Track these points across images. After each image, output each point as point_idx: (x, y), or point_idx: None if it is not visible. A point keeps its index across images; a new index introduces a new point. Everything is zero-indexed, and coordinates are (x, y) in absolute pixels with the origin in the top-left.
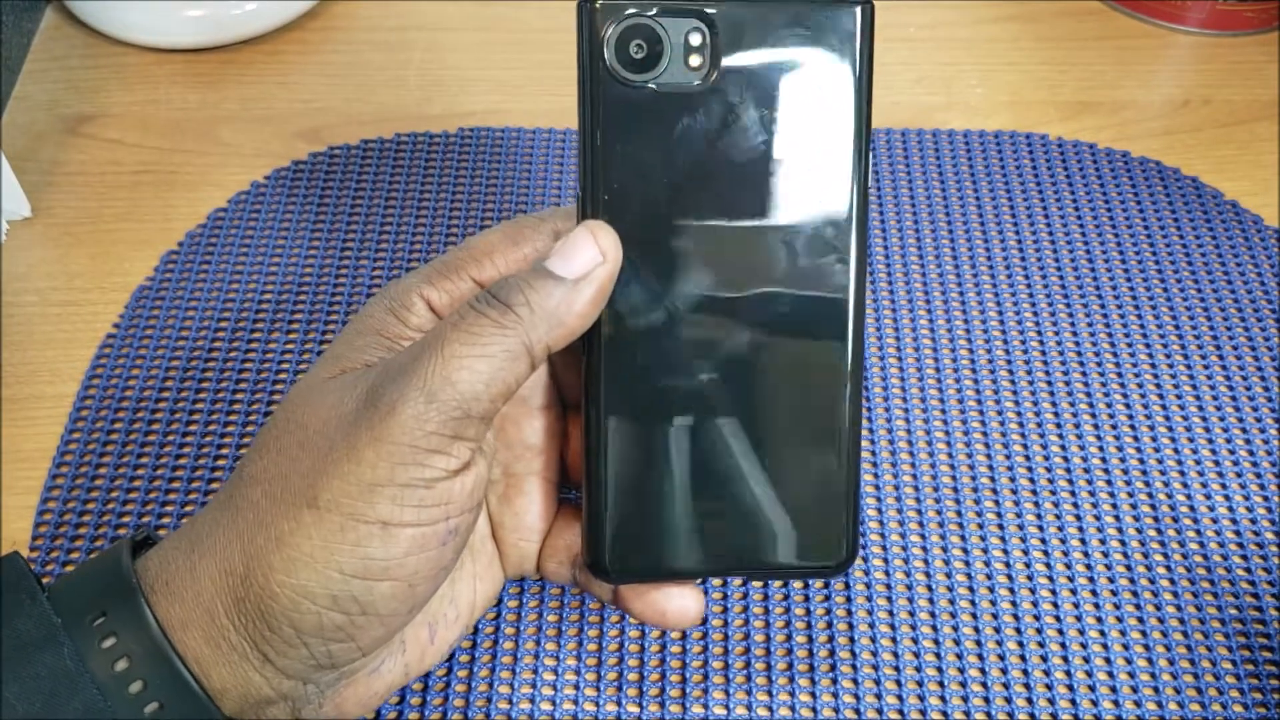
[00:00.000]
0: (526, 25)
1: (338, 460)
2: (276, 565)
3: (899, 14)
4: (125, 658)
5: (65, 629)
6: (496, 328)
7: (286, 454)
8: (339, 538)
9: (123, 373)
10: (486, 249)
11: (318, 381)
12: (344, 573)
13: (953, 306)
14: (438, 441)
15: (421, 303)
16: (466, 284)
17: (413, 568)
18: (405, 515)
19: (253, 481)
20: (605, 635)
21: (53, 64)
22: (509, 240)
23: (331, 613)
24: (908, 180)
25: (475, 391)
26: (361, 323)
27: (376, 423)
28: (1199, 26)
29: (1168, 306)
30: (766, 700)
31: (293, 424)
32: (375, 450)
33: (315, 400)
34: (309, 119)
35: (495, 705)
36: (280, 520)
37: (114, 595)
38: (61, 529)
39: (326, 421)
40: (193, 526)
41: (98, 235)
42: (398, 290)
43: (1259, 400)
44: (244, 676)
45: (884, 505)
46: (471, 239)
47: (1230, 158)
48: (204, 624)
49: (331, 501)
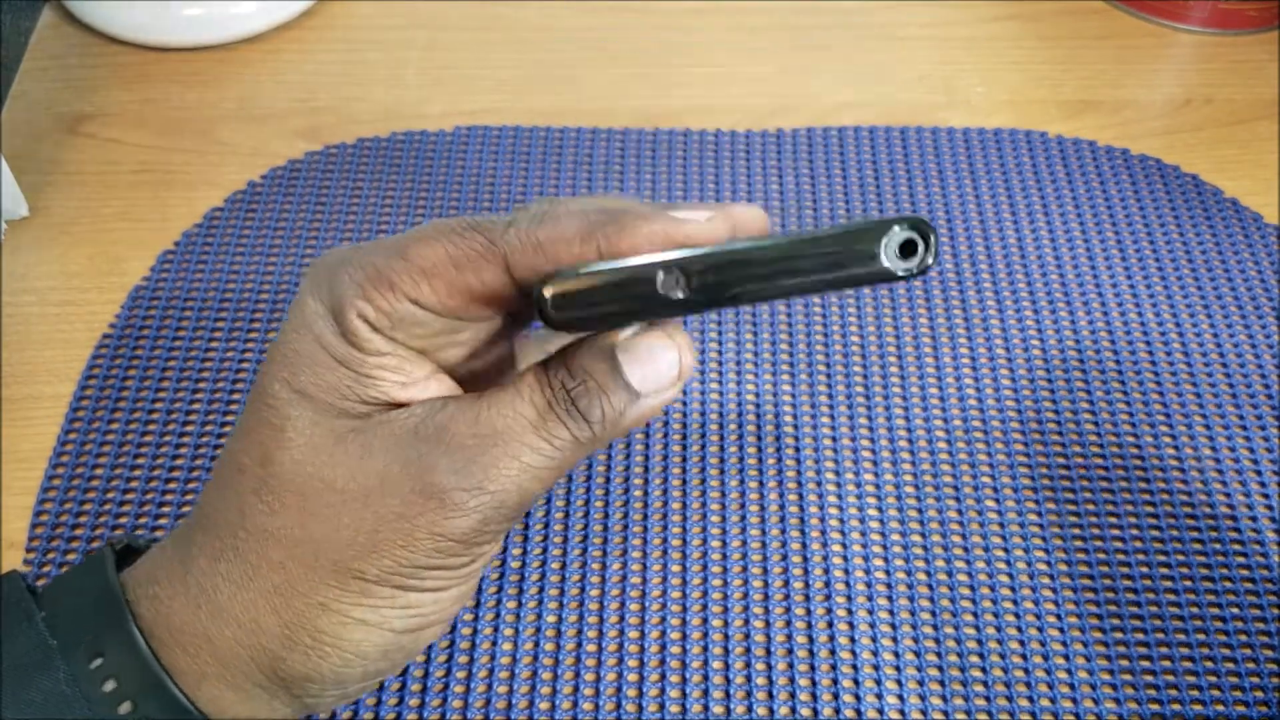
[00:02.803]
0: (526, 24)
1: (389, 541)
2: (326, 629)
3: (899, 13)
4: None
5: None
6: (574, 445)
7: (315, 515)
8: (390, 603)
9: (120, 372)
10: (427, 268)
11: (326, 431)
12: (395, 631)
13: (952, 303)
14: (493, 535)
15: (364, 324)
16: (406, 307)
17: (455, 611)
18: (453, 582)
19: (269, 538)
20: (605, 635)
21: (50, 63)
22: (452, 264)
23: (379, 663)
24: (907, 178)
25: (537, 495)
26: (315, 350)
27: (439, 520)
28: (1201, 25)
29: (1167, 304)
30: (766, 700)
31: (316, 480)
32: (434, 544)
33: (339, 457)
34: (307, 118)
35: (494, 705)
36: (321, 588)
37: (108, 627)
38: (59, 529)
39: (365, 489)
40: (188, 571)
41: (95, 235)
42: (336, 305)
43: (1259, 398)
44: (269, 709)
45: (884, 505)
46: (411, 244)
47: (1232, 157)
48: (224, 675)
49: (381, 576)
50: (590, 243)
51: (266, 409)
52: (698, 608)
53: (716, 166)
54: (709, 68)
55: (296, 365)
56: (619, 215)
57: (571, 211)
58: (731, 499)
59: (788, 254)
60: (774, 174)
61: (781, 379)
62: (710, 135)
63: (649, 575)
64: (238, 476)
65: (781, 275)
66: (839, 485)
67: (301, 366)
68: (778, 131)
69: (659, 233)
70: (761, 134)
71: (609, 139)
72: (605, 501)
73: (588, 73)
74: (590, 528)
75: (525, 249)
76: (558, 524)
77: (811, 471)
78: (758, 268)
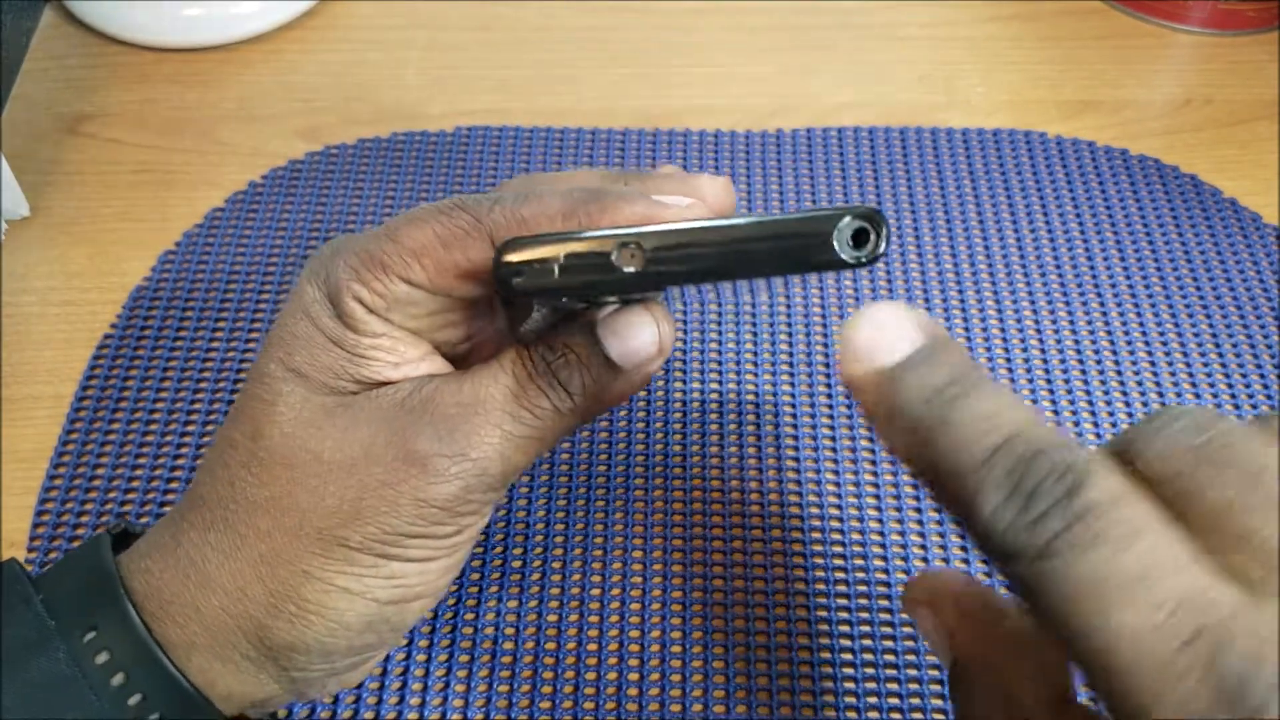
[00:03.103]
0: (526, 25)
1: (373, 508)
2: (310, 597)
3: (899, 13)
4: (110, 656)
5: (58, 633)
6: (555, 415)
7: (302, 485)
8: (373, 572)
9: (120, 372)
10: (417, 249)
11: (316, 406)
12: (380, 601)
13: (951, 304)
14: (477, 505)
15: (359, 306)
16: (400, 287)
17: (442, 585)
18: (439, 553)
19: (256, 509)
20: (605, 635)
21: (51, 63)
22: (440, 243)
23: (365, 635)
24: (906, 179)
25: (521, 466)
26: (312, 331)
27: (422, 485)
28: (1200, 26)
29: (1166, 304)
30: (767, 700)
31: (303, 452)
32: (417, 510)
33: (327, 429)
34: (307, 118)
35: (494, 705)
36: (306, 555)
37: (101, 603)
38: (60, 529)
39: (351, 459)
40: (178, 544)
41: (96, 235)
42: (333, 289)
43: (1259, 399)
44: (257, 684)
45: (884, 505)
46: (400, 227)
47: (1231, 157)
48: (212, 645)
49: (365, 544)
50: (572, 220)
51: (260, 387)
52: (698, 608)
53: (716, 166)
54: (709, 68)
55: (292, 346)
56: (601, 195)
57: (556, 190)
58: (731, 499)
59: (743, 235)
60: (774, 174)
61: (781, 379)
62: (710, 135)
63: (649, 575)
64: (229, 452)
65: (735, 255)
66: (839, 485)
67: (297, 348)
68: (778, 131)
69: (640, 214)
70: (761, 134)
71: (609, 139)
72: (605, 501)
73: (588, 73)
74: (590, 528)
75: (510, 225)
76: (558, 524)
77: (811, 471)
78: (712, 246)
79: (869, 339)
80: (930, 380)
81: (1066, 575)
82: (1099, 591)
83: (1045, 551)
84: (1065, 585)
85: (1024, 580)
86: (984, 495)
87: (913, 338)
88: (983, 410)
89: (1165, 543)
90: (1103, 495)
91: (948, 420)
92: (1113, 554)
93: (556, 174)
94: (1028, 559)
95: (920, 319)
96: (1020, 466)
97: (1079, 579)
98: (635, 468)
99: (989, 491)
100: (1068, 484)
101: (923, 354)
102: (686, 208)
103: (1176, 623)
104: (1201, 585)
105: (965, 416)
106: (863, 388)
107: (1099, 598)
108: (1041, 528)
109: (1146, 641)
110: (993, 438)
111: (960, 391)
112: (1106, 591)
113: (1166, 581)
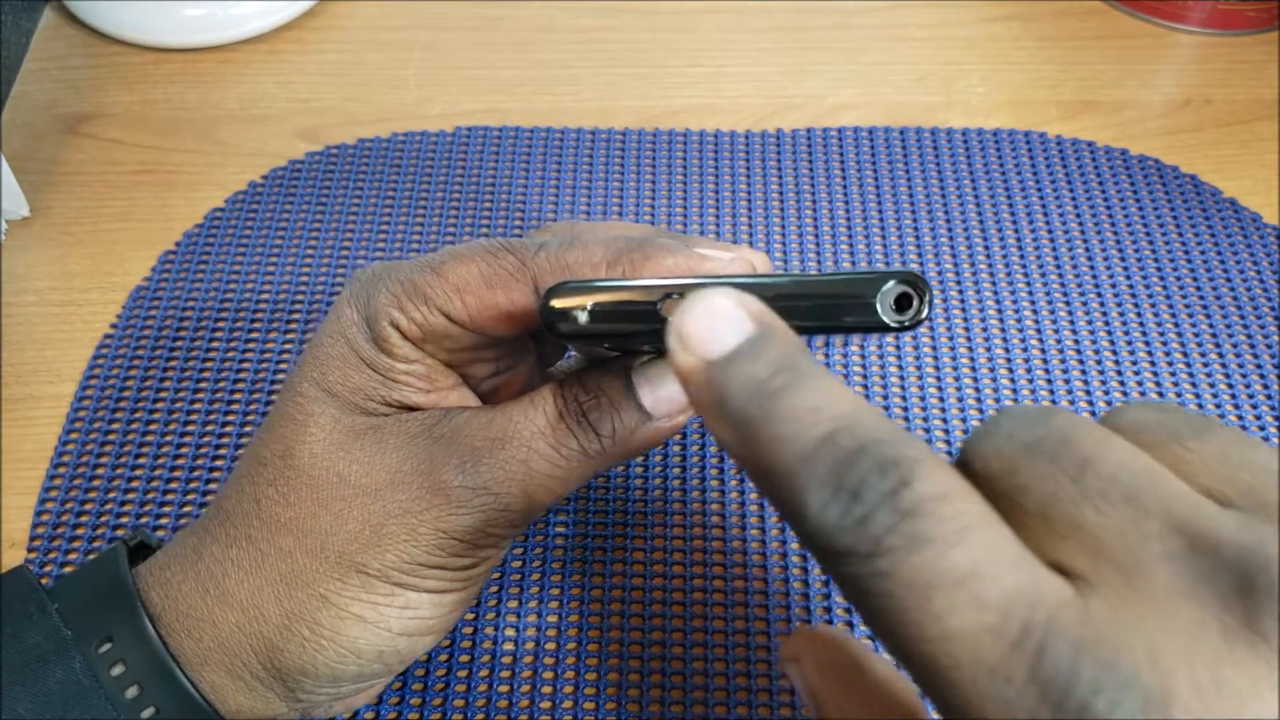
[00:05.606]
0: (526, 25)
1: (394, 536)
2: (324, 622)
3: (899, 14)
4: (123, 667)
5: (74, 643)
6: (583, 457)
7: (326, 507)
8: (389, 601)
9: (121, 372)
10: (460, 285)
11: (346, 428)
12: (393, 631)
13: (951, 304)
14: (496, 539)
15: (395, 332)
16: (438, 320)
17: (452, 620)
18: (454, 585)
19: (280, 528)
20: (605, 635)
21: (51, 63)
22: (484, 282)
23: (374, 664)
24: (906, 178)
25: (542, 505)
26: (346, 352)
27: (444, 515)
28: (1200, 26)
29: (1166, 304)
30: (767, 700)
31: (330, 474)
32: (436, 540)
33: (355, 453)
34: (307, 118)
35: (495, 705)
36: (324, 579)
37: (117, 613)
38: (60, 529)
39: (376, 485)
40: (200, 557)
41: (96, 235)
42: (371, 314)
43: (1259, 399)
44: (264, 702)
45: None
46: (446, 261)
47: (1231, 157)
48: (224, 661)
49: (383, 571)
50: (616, 269)
51: (293, 405)
52: (698, 608)
53: (716, 166)
54: (709, 68)
55: (327, 366)
56: (644, 244)
57: (599, 238)
58: (731, 499)
59: (786, 292)
60: (774, 174)
61: None
62: (710, 135)
63: (649, 575)
64: (258, 469)
65: (777, 312)
66: None
67: (331, 367)
68: (777, 131)
69: (682, 265)
70: (761, 134)
71: (609, 139)
72: (605, 501)
73: (587, 73)
74: (590, 528)
75: (554, 270)
76: (558, 524)
77: None
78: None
79: (698, 328)
80: (755, 373)
81: (894, 575)
82: (927, 592)
83: (872, 551)
84: (893, 586)
85: (853, 583)
86: (809, 493)
87: (743, 328)
88: (807, 403)
89: (995, 539)
90: (930, 490)
91: (771, 415)
92: (941, 552)
93: (599, 222)
94: (855, 559)
95: (753, 307)
96: (845, 461)
97: (907, 579)
98: (635, 468)
99: (813, 489)
100: (893, 480)
101: (749, 344)
102: (729, 262)
103: (1004, 622)
104: (1030, 581)
105: (789, 410)
106: (690, 379)
107: (928, 598)
108: (868, 526)
109: (976, 643)
110: (816, 431)
111: (784, 384)
112: (935, 592)
113: (996, 579)
